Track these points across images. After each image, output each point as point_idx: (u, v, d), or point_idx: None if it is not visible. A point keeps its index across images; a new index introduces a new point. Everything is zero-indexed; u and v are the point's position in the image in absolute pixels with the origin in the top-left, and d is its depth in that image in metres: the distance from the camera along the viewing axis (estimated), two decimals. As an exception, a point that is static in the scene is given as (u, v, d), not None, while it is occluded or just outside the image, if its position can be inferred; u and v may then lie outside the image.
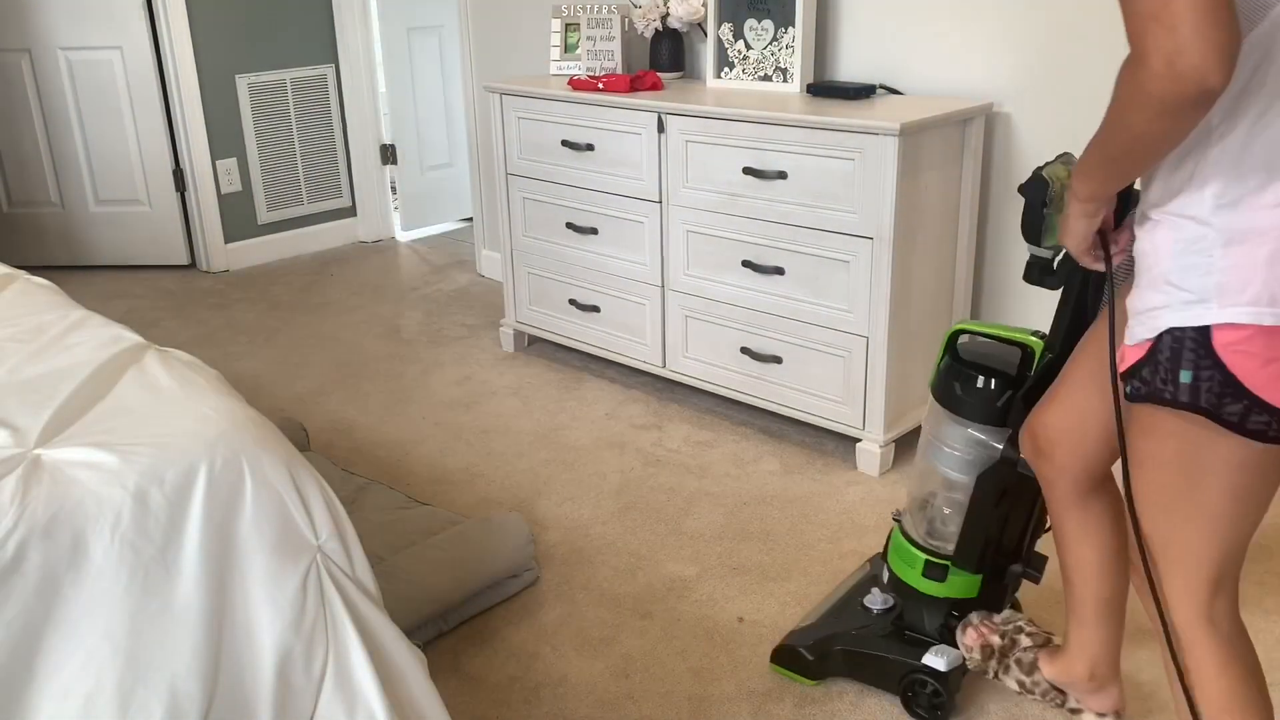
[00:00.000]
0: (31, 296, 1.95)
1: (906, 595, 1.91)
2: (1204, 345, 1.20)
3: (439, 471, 2.77)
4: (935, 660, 1.83)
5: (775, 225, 2.71)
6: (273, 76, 4.51)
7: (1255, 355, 1.18)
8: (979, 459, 1.75)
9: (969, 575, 1.83)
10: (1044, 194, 1.53)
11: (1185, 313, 1.20)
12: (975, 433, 1.76)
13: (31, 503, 1.26)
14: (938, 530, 1.86)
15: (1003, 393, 1.72)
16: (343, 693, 1.44)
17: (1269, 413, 1.20)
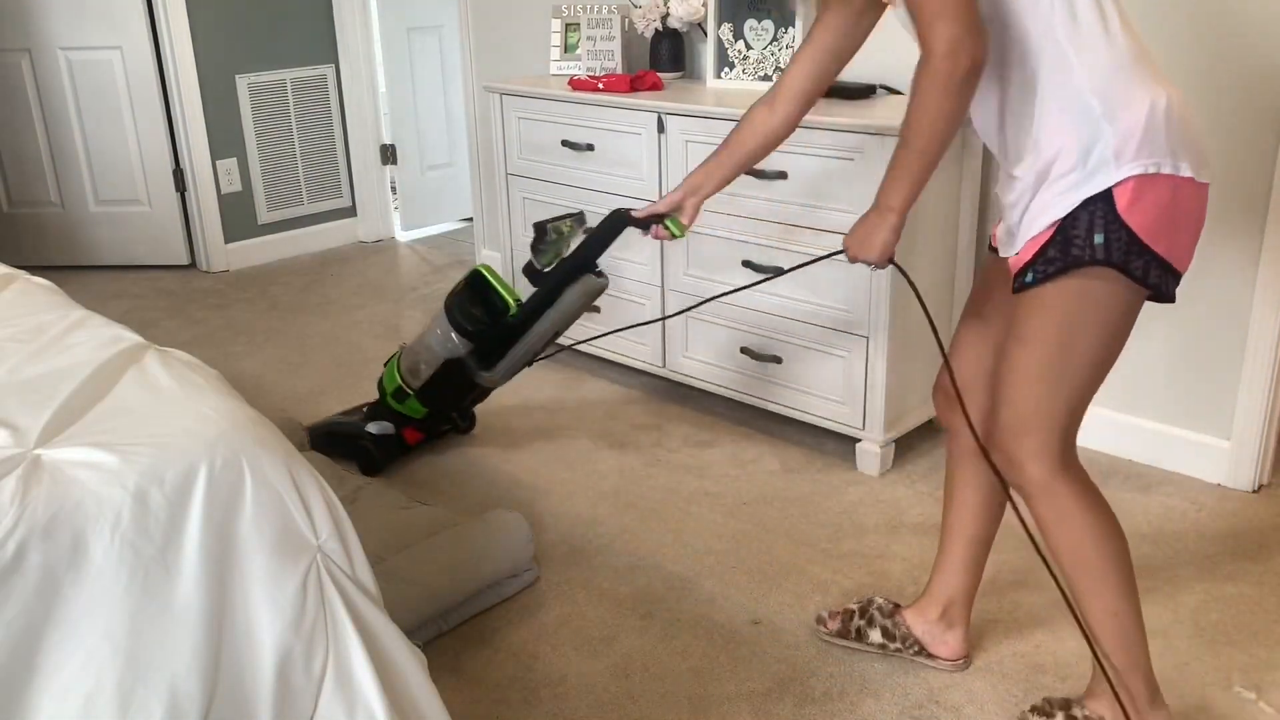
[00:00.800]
0: (31, 296, 1.95)
1: (381, 398, 2.76)
2: (1109, 209, 1.47)
3: (439, 471, 2.77)
4: (373, 427, 2.75)
5: (775, 225, 2.71)
6: (273, 76, 4.51)
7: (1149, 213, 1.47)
8: (449, 350, 2.60)
9: (419, 406, 2.70)
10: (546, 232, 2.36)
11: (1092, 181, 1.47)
12: (454, 337, 2.58)
13: (31, 503, 1.26)
14: (415, 373, 2.67)
15: (479, 323, 2.56)
16: (343, 693, 1.44)
17: (1162, 268, 1.50)
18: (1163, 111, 1.47)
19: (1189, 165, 1.48)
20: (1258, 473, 2.57)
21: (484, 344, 2.56)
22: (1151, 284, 1.51)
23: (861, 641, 2.03)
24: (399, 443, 2.77)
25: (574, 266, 2.40)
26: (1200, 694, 1.91)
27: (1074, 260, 1.49)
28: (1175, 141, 1.47)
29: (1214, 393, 2.58)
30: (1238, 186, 2.43)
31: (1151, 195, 1.47)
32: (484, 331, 2.56)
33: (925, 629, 1.99)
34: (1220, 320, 2.53)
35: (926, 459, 2.76)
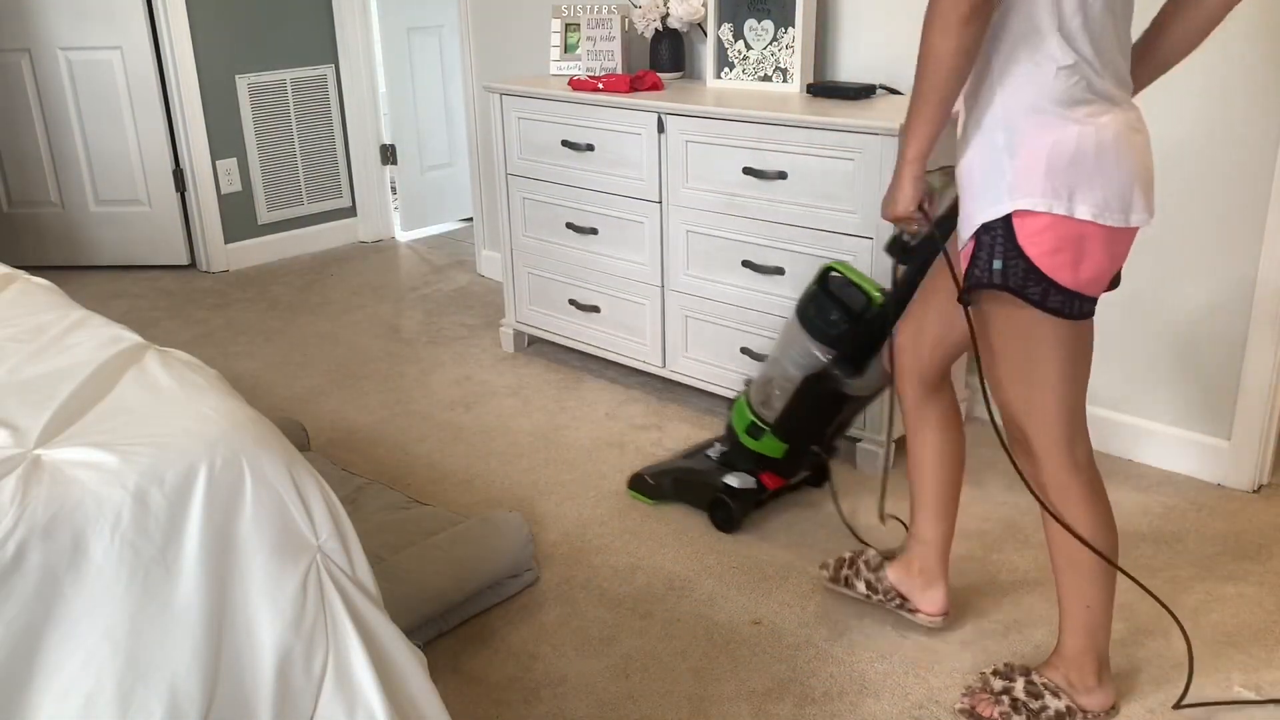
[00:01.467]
0: (31, 296, 1.95)
1: (733, 442, 2.49)
2: (1009, 237, 1.55)
3: (439, 471, 2.77)
4: (732, 480, 2.46)
5: (775, 225, 2.71)
6: (273, 76, 4.51)
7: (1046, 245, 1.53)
8: (809, 364, 2.28)
9: (778, 441, 2.40)
10: None
11: (991, 209, 1.56)
12: (812, 346, 2.27)
13: (31, 503, 1.26)
14: (769, 404, 2.39)
15: (840, 324, 2.23)
16: (343, 693, 1.44)
17: (1063, 294, 1.56)
18: (1070, 152, 1.52)
19: (1087, 208, 1.52)
20: (1258, 473, 2.57)
21: (849, 347, 2.23)
22: (1050, 308, 1.57)
23: (849, 589, 2.16)
24: (759, 493, 2.48)
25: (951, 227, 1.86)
26: (1200, 694, 1.91)
27: (976, 281, 1.61)
28: (1075, 182, 1.52)
29: (1214, 393, 2.58)
30: (1238, 186, 2.43)
31: (1049, 229, 1.54)
32: (846, 332, 2.23)
33: (907, 584, 2.08)
34: (1220, 320, 2.53)
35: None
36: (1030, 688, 1.83)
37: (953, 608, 2.10)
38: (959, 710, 1.87)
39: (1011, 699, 1.82)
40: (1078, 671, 1.82)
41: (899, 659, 2.03)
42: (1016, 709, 1.81)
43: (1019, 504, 2.52)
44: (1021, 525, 2.45)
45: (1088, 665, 1.82)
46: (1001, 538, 2.41)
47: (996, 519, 2.48)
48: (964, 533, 2.42)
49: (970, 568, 2.30)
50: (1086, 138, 1.52)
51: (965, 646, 2.05)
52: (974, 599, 2.19)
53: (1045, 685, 1.83)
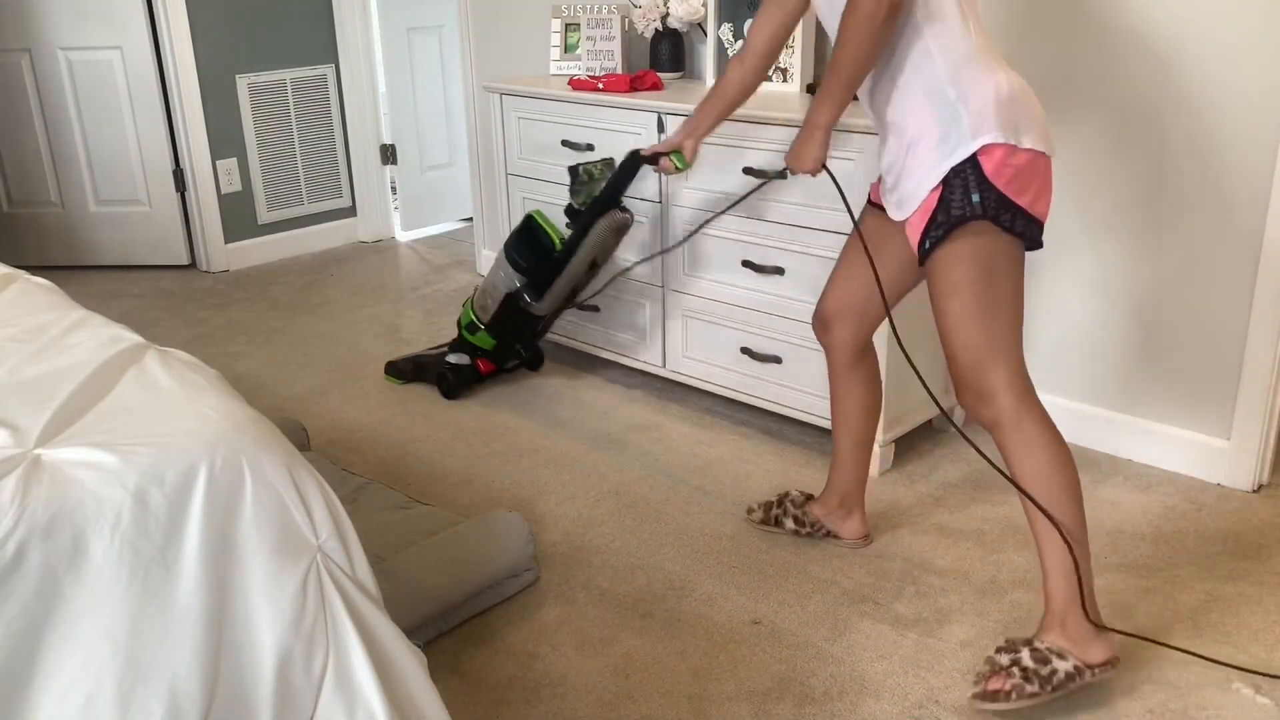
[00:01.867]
0: (31, 296, 1.95)
1: (459, 336, 3.20)
2: (978, 172, 1.76)
3: (439, 471, 2.77)
4: (452, 358, 3.20)
5: (775, 225, 2.71)
6: (273, 76, 4.51)
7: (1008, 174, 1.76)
8: (508, 284, 2.98)
9: (489, 337, 3.11)
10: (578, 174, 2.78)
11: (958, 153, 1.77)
12: (510, 272, 2.97)
13: (31, 503, 1.26)
14: (485, 309, 3.07)
15: (529, 259, 2.93)
16: (343, 692, 1.44)
17: (1026, 219, 1.78)
18: (1006, 93, 1.78)
19: (1029, 139, 1.78)
20: (1258, 473, 2.57)
21: (534, 276, 2.92)
22: (1019, 232, 1.79)
23: (780, 528, 2.42)
24: (474, 372, 3.18)
25: (602, 204, 2.75)
26: (1200, 693, 1.91)
27: (956, 219, 1.78)
28: (1017, 118, 1.77)
29: (1214, 393, 2.58)
30: (1238, 186, 2.43)
31: (1009, 160, 1.76)
32: (532, 265, 2.91)
33: (827, 514, 2.37)
34: (1220, 320, 2.53)
35: (926, 459, 2.76)
36: (1036, 654, 1.87)
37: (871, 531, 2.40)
38: (973, 697, 1.86)
39: (1021, 669, 1.86)
40: (1073, 620, 1.86)
41: (899, 659, 2.03)
42: (1028, 678, 1.85)
43: (1018, 504, 2.52)
44: (1021, 525, 2.45)
45: (1075, 610, 1.86)
46: (1001, 538, 2.41)
47: (996, 519, 2.48)
48: (964, 533, 2.43)
49: (971, 568, 2.30)
50: (1012, 81, 1.80)
51: (965, 646, 2.06)
52: (974, 599, 2.20)
53: (1049, 650, 1.87)
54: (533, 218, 2.96)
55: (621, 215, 2.78)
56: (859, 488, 2.35)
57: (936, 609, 2.17)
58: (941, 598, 2.20)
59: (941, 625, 2.12)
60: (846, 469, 2.33)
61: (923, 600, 2.20)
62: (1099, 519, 2.47)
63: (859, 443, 2.30)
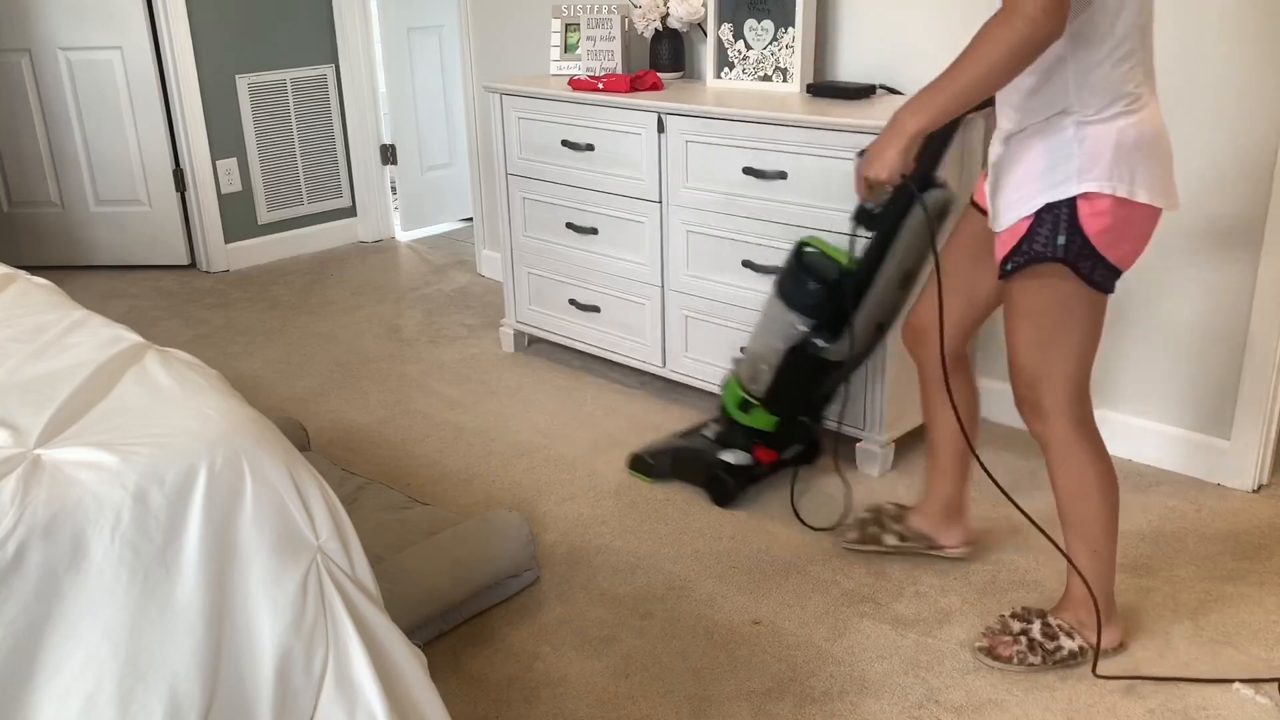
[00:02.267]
0: (31, 296, 1.95)
1: (726, 420, 2.59)
2: (1073, 216, 1.70)
3: (439, 471, 2.77)
4: (729, 456, 2.56)
5: (775, 225, 2.71)
6: (273, 76, 4.51)
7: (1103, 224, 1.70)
8: (790, 336, 2.36)
9: (768, 414, 2.50)
10: None
11: (1057, 190, 1.70)
12: (791, 316, 2.35)
13: (32, 503, 1.26)
14: (757, 379, 2.47)
15: (817, 293, 2.31)
16: (343, 693, 1.44)
17: (1106, 269, 1.74)
18: (1131, 141, 1.68)
19: (1145, 192, 1.70)
20: (1258, 473, 2.57)
21: (824, 312, 2.31)
22: (1094, 282, 1.76)
23: (879, 544, 2.32)
24: (753, 470, 2.57)
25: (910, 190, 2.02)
26: (1200, 693, 1.91)
27: (1036, 255, 1.75)
28: (1135, 168, 1.69)
29: (1214, 393, 2.58)
30: (1238, 186, 2.43)
31: (1108, 210, 1.70)
32: (821, 299, 2.31)
33: (930, 526, 2.29)
34: (1220, 320, 2.53)
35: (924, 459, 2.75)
36: (1046, 629, 1.98)
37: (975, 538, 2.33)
38: (978, 648, 2.01)
39: (1029, 639, 1.97)
40: (1087, 612, 1.96)
41: (899, 659, 2.03)
42: (1032, 649, 1.96)
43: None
44: (1021, 525, 2.45)
45: (1091, 604, 1.95)
46: (1002, 538, 2.41)
47: (997, 519, 2.48)
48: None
49: (971, 567, 2.30)
50: (1145, 125, 1.69)
51: (965, 646, 2.06)
52: (974, 599, 2.20)
53: (1060, 627, 1.97)
54: (805, 245, 2.38)
55: (939, 194, 2.14)
56: (961, 494, 2.26)
57: (936, 609, 2.17)
58: (941, 598, 2.20)
59: (941, 625, 2.12)
60: (949, 479, 2.24)
61: (923, 600, 2.20)
62: (1099, 519, 2.47)
63: (961, 452, 2.20)
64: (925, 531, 2.29)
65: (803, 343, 2.34)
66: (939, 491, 2.26)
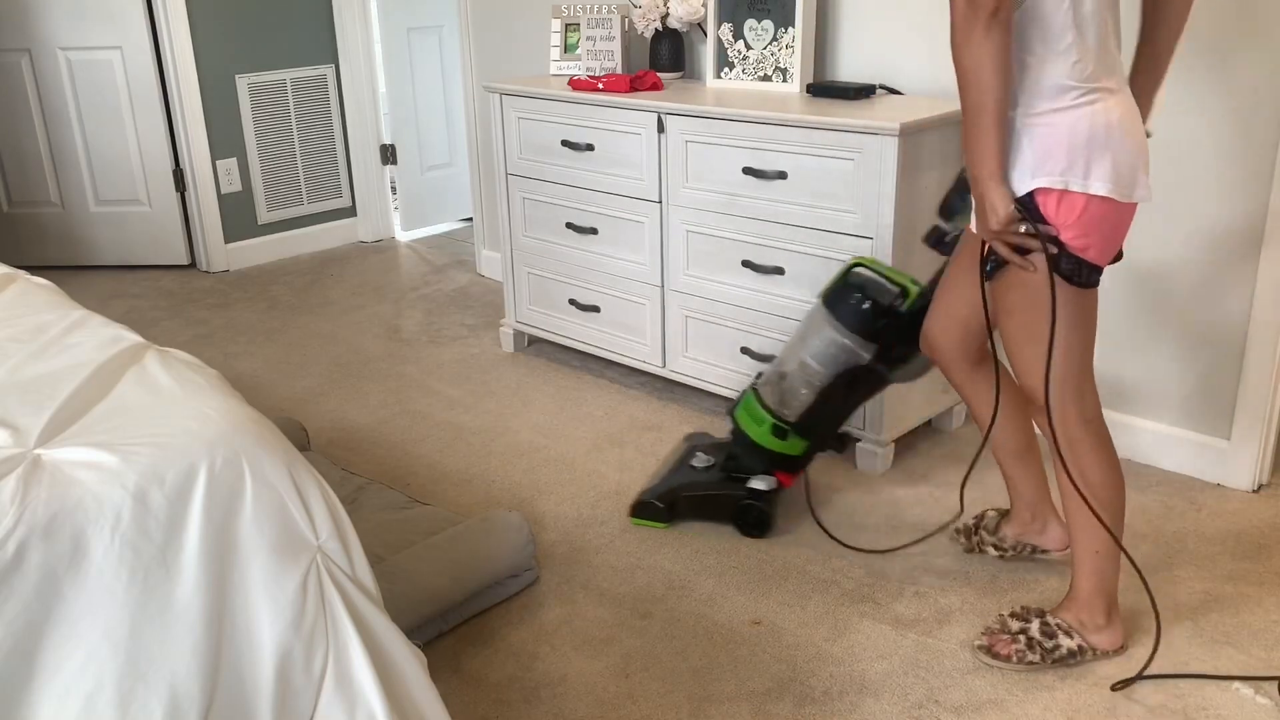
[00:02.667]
0: (31, 296, 1.95)
1: (745, 445, 2.43)
2: (1033, 212, 1.70)
3: (439, 471, 2.77)
4: (758, 483, 2.41)
5: (775, 225, 2.71)
6: (273, 76, 4.51)
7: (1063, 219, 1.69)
8: (839, 359, 2.28)
9: (801, 439, 2.39)
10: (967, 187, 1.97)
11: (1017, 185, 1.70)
12: (846, 339, 2.27)
13: (32, 503, 1.27)
14: (788, 403, 2.36)
15: (878, 316, 2.24)
16: (343, 692, 1.44)
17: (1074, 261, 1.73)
18: (1084, 134, 1.67)
19: (1102, 185, 1.68)
20: (1258, 473, 2.57)
21: (893, 338, 2.25)
22: (1064, 274, 1.75)
23: (983, 553, 2.32)
24: (779, 492, 2.47)
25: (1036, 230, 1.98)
26: (1200, 693, 1.91)
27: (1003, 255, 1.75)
28: (1092, 161, 1.68)
29: (1214, 393, 2.58)
30: (1238, 186, 2.43)
31: (1066, 204, 1.69)
32: (889, 324, 2.23)
33: (1024, 531, 2.27)
34: (1220, 320, 2.53)
35: (926, 459, 2.75)
36: (1045, 628, 1.98)
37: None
38: (977, 646, 2.02)
39: (1027, 638, 1.98)
40: (1089, 612, 1.97)
41: (899, 659, 2.03)
42: (1031, 647, 1.97)
43: (1019, 504, 2.52)
44: (1021, 525, 2.45)
45: (1098, 605, 1.97)
46: (1001, 538, 2.41)
47: (996, 519, 2.48)
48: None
49: (971, 568, 2.30)
50: (1098, 118, 1.68)
51: (965, 646, 2.06)
52: (974, 599, 2.20)
53: (1059, 625, 1.98)
54: (859, 265, 2.31)
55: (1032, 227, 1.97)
56: (1041, 494, 2.22)
57: (936, 609, 2.17)
58: (941, 598, 2.20)
59: (941, 625, 2.12)
60: (1022, 481, 2.21)
61: (923, 600, 2.20)
62: (1099, 519, 2.48)
63: (1020, 451, 2.17)
64: (1021, 538, 2.27)
65: (865, 368, 2.27)
66: (1018, 494, 2.23)
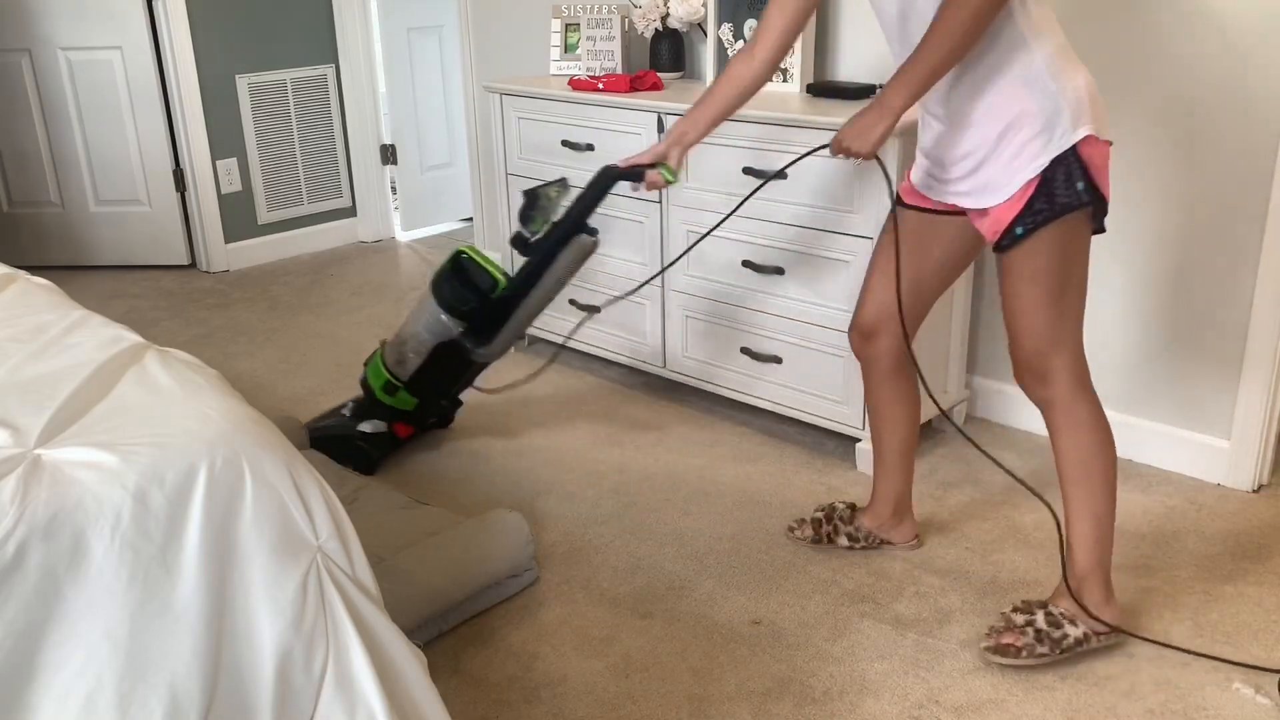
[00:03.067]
0: (31, 296, 1.95)
1: (369, 396, 2.76)
2: (1080, 163, 1.78)
3: (439, 471, 2.77)
4: (365, 426, 2.74)
5: (775, 225, 2.71)
6: (273, 76, 4.51)
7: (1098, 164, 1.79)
8: (440, 333, 2.61)
9: (410, 396, 2.72)
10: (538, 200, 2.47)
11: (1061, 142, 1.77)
12: (444, 318, 2.59)
13: (32, 503, 1.26)
14: (403, 364, 2.69)
15: (469, 300, 2.57)
16: (343, 692, 1.44)
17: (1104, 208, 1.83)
18: (1090, 87, 1.80)
19: (1105, 130, 1.81)
20: (1258, 473, 2.57)
21: (479, 320, 2.58)
22: (1097, 221, 1.85)
23: (832, 544, 2.36)
24: (392, 439, 2.78)
25: (566, 229, 2.46)
26: (1200, 693, 1.91)
27: (1063, 207, 1.79)
28: (1099, 110, 1.80)
29: (1214, 393, 2.58)
30: (1238, 186, 2.43)
31: (1098, 150, 1.80)
32: (478, 308, 2.57)
33: (880, 525, 2.34)
34: (1220, 321, 2.53)
35: (925, 459, 2.75)
36: (1050, 618, 1.98)
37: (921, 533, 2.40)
38: (985, 649, 2.00)
39: (1035, 630, 1.98)
40: (1088, 587, 1.98)
41: (899, 659, 2.03)
42: (1040, 639, 1.97)
43: (1019, 504, 2.52)
44: (1021, 525, 2.45)
45: (1095, 580, 1.98)
46: (1001, 537, 2.41)
47: (996, 519, 2.48)
48: (963, 533, 2.43)
49: (971, 568, 2.30)
50: (1090, 77, 1.82)
51: (965, 646, 2.06)
52: (974, 599, 2.20)
53: (1062, 615, 1.98)
54: (463, 253, 2.65)
55: (589, 240, 2.50)
56: (908, 493, 2.33)
57: (936, 609, 2.17)
58: (941, 598, 2.20)
59: (941, 625, 2.12)
60: (895, 478, 2.30)
61: (923, 600, 2.20)
62: (1099, 519, 2.48)
63: (906, 450, 2.27)
64: (876, 531, 2.34)
65: (452, 342, 2.61)
66: (888, 492, 2.30)
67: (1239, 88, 2.38)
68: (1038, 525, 2.44)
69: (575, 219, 2.45)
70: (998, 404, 2.91)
